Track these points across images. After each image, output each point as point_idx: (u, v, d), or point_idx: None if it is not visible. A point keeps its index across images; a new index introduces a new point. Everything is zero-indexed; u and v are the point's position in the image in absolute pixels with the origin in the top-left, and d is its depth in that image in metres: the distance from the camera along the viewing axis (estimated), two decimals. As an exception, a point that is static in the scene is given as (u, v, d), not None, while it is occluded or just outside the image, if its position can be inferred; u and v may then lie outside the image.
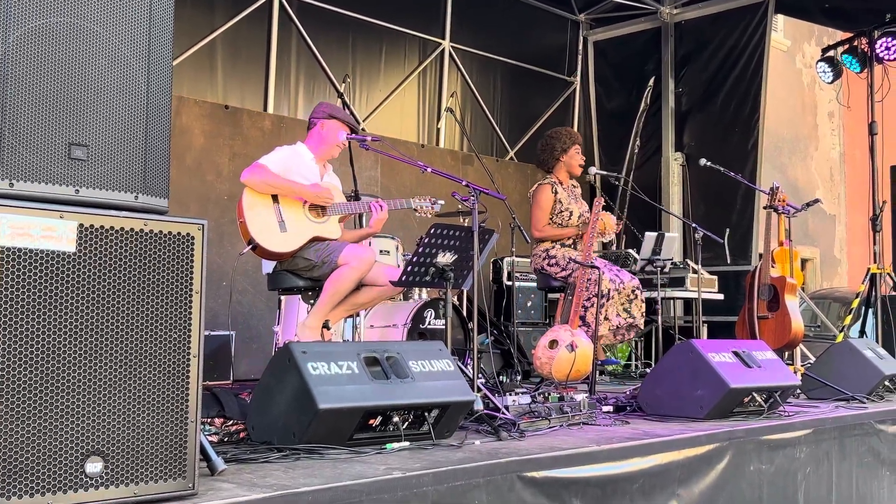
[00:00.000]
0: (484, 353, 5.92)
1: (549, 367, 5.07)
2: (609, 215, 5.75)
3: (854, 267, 15.75)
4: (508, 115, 9.46)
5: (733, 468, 3.53)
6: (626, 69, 9.72)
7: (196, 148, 6.73)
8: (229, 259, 6.33)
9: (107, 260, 2.09)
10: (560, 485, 2.86)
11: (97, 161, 2.17)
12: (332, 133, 4.70)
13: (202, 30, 7.02)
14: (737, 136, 8.74)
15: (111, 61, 2.21)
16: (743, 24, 8.83)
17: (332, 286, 4.40)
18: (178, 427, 2.17)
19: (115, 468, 2.07)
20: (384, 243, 6.01)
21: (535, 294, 7.74)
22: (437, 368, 3.16)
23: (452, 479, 2.55)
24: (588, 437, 3.30)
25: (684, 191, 9.08)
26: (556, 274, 5.70)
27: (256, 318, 6.75)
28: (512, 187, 8.89)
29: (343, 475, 2.42)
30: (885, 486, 4.48)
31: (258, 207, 4.41)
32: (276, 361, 3.01)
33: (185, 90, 6.77)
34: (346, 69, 7.82)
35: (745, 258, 8.48)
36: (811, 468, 3.96)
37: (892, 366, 5.37)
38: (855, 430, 4.30)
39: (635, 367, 7.49)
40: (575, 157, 5.94)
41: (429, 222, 4.40)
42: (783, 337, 5.83)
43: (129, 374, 2.11)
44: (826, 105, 15.82)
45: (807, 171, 15.42)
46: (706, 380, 3.95)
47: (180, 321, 2.20)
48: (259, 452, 2.74)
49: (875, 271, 6.47)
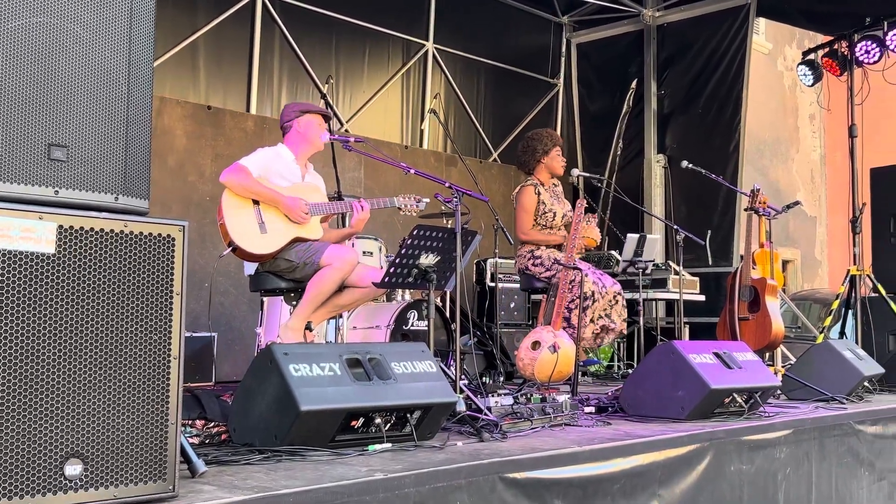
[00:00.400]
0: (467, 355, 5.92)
1: (532, 368, 5.08)
2: (594, 229, 5.73)
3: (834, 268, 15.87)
4: (492, 117, 9.47)
5: (714, 469, 3.55)
6: (608, 71, 9.76)
7: (178, 149, 6.70)
8: (211, 260, 6.31)
9: (86, 261, 2.08)
10: (542, 486, 2.87)
11: (77, 162, 2.16)
12: (311, 128, 4.67)
13: (184, 30, 6.99)
14: (718, 138, 8.80)
15: (91, 62, 2.20)
16: (725, 27, 8.89)
17: (314, 287, 4.39)
18: (158, 429, 2.17)
19: (95, 470, 2.06)
20: (367, 244, 6.01)
21: (518, 295, 7.76)
22: (420, 370, 3.16)
23: (434, 480, 2.55)
24: (570, 438, 3.31)
25: (666, 193, 9.12)
26: (540, 274, 5.71)
27: (238, 320, 6.73)
28: (495, 189, 8.91)
29: (324, 477, 2.42)
30: (864, 486, 4.51)
31: (238, 209, 4.39)
32: (257, 363, 3.00)
33: (167, 91, 6.74)
34: (329, 70, 7.81)
35: (726, 260, 8.53)
36: (791, 468, 3.98)
37: (871, 367, 5.42)
38: (834, 430, 4.33)
39: (617, 368, 7.51)
40: (556, 158, 5.94)
41: (412, 223, 4.40)
42: (764, 338, 5.87)
43: (109, 376, 2.10)
44: (807, 108, 15.94)
45: (788, 173, 15.53)
46: (687, 381, 3.97)
47: (161, 323, 2.19)
48: (240, 454, 2.73)
49: (855, 273, 6.52)
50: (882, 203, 6.57)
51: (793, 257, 15.42)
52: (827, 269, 16.27)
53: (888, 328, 6.25)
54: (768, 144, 14.91)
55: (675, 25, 9.34)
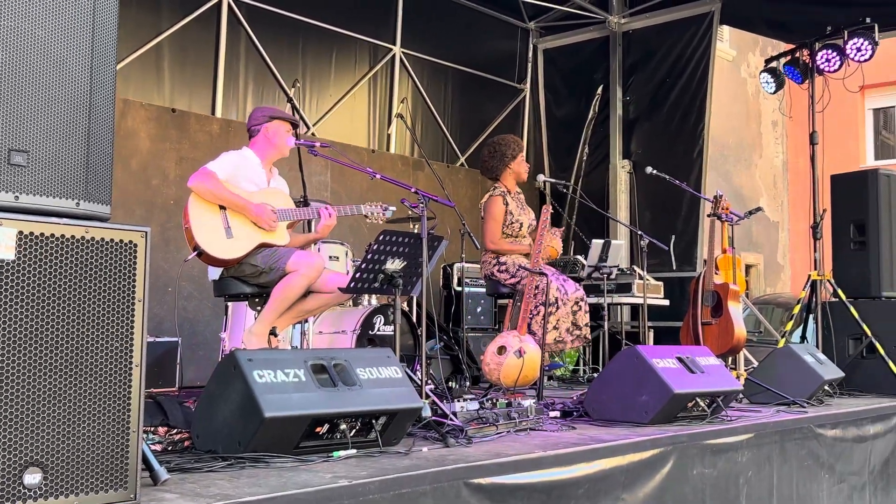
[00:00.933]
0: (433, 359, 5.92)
1: (498, 372, 5.09)
2: (557, 240, 5.76)
3: (797, 273, 16.09)
4: (459, 122, 9.49)
5: (677, 472, 3.58)
6: (575, 77, 9.82)
7: (142, 152, 6.64)
8: (175, 264, 6.25)
9: (47, 268, 2.06)
10: (506, 491, 2.88)
11: (38, 167, 2.14)
12: (278, 134, 4.66)
13: (149, 32, 6.93)
14: (682, 144, 8.89)
15: (53, 65, 2.17)
16: (689, 34, 8.99)
17: (279, 293, 4.36)
18: (119, 437, 2.15)
19: (55, 479, 2.03)
20: (334, 249, 5.99)
21: (485, 300, 7.78)
22: (385, 375, 3.16)
23: (399, 486, 2.55)
24: (534, 443, 3.33)
25: (631, 198, 9.20)
26: (506, 280, 5.73)
27: (203, 325, 6.67)
28: (462, 193, 8.92)
29: (288, 484, 2.41)
30: (825, 489, 4.58)
31: (204, 213, 4.36)
32: (221, 369, 2.98)
33: (130, 93, 6.68)
34: (295, 74, 7.78)
35: (690, 265, 8.62)
36: (753, 472, 4.03)
37: (831, 371, 5.50)
38: (795, 434, 4.38)
39: (583, 373, 7.56)
40: (522, 164, 5.96)
41: (379, 228, 4.40)
42: (726, 342, 5.94)
43: (70, 383, 2.07)
44: (770, 114, 16.14)
45: (751, 178, 15.72)
46: (651, 385, 4.00)
47: (122, 330, 2.17)
48: (203, 461, 2.71)
49: (816, 278, 6.60)
50: (842, 209, 6.67)
51: (755, 262, 15.60)
52: (789, 273, 16.49)
53: (848, 333, 6.34)
54: (732, 150, 15.08)
55: (640, 32, 9.43)
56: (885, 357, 6.10)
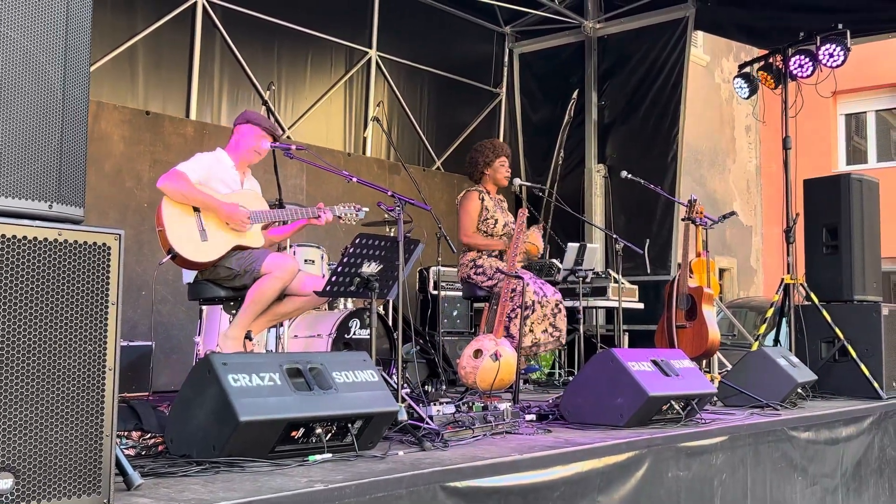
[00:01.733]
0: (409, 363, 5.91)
1: (474, 376, 5.10)
2: (538, 237, 5.80)
3: (770, 277, 16.22)
4: (435, 125, 9.50)
5: (652, 475, 3.60)
6: (550, 82, 9.86)
7: (115, 154, 6.58)
8: (149, 268, 6.20)
9: (19, 270, 2.04)
10: (482, 494, 2.88)
11: (9, 169, 2.11)
12: (245, 138, 4.63)
13: (123, 34, 6.87)
14: (657, 148, 8.94)
15: (25, 66, 2.15)
16: (664, 39, 9.04)
17: (254, 296, 4.34)
18: (92, 441, 2.12)
19: (27, 485, 2.01)
20: (309, 252, 5.97)
21: (461, 303, 7.78)
22: (361, 379, 3.15)
23: (375, 490, 2.54)
24: (510, 446, 3.33)
25: (606, 202, 9.24)
26: (482, 283, 5.74)
27: (177, 328, 6.62)
28: (438, 197, 8.92)
29: (263, 488, 2.40)
30: (798, 491, 4.62)
31: (178, 216, 4.32)
32: (195, 373, 2.96)
33: (104, 95, 6.62)
34: (270, 76, 7.75)
35: (664, 268, 8.66)
36: (727, 474, 4.06)
37: (804, 374, 5.55)
38: (769, 436, 4.42)
39: (558, 376, 7.58)
40: (500, 169, 5.99)
41: (354, 232, 4.38)
42: (700, 345, 5.97)
43: (42, 387, 2.05)
44: (743, 119, 16.29)
45: (724, 183, 15.84)
46: (626, 388, 4.02)
47: (96, 333, 2.15)
48: (177, 466, 2.69)
49: (789, 282, 6.66)
50: (815, 214, 6.74)
51: (729, 266, 15.72)
52: (762, 277, 16.63)
53: (820, 336, 6.40)
54: (705, 155, 15.19)
55: (615, 37, 9.48)
56: (856, 360, 6.17)
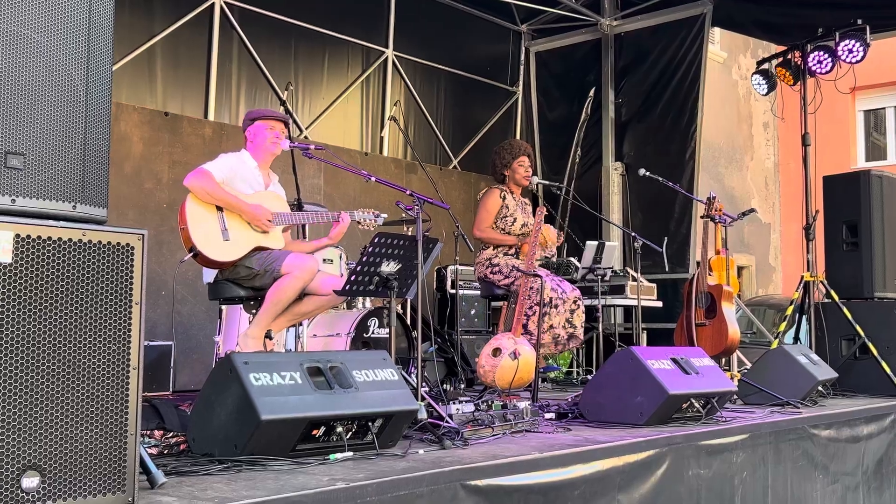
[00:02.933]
0: (428, 362, 5.93)
1: (493, 375, 5.10)
2: (550, 228, 5.83)
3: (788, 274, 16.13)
4: (452, 124, 9.50)
5: (672, 473, 3.59)
6: (567, 80, 9.83)
7: (135, 155, 6.62)
8: (169, 268, 6.24)
9: (44, 271, 2.06)
10: (503, 492, 2.89)
11: (34, 170, 2.13)
12: (259, 134, 4.64)
13: (141, 35, 6.91)
14: (675, 146, 8.90)
15: (49, 68, 2.17)
16: (681, 36, 9.00)
17: (274, 296, 4.36)
18: (117, 440, 2.14)
19: (53, 483, 2.03)
20: (328, 252, 5.98)
21: (479, 302, 7.78)
22: (381, 378, 3.16)
23: (396, 488, 2.55)
24: (530, 445, 3.33)
25: (624, 200, 9.21)
26: (499, 282, 5.74)
27: (197, 328, 6.66)
28: (455, 196, 8.93)
29: (286, 487, 2.41)
30: (818, 489, 4.59)
31: (201, 214, 4.35)
32: (217, 372, 2.97)
33: (123, 97, 6.66)
34: (288, 77, 7.78)
35: (682, 266, 8.63)
36: (748, 472, 4.04)
37: (825, 371, 5.51)
38: (789, 434, 4.40)
39: (577, 374, 7.57)
40: (518, 169, 6.00)
41: (373, 232, 4.39)
42: (720, 343, 5.95)
43: (67, 386, 2.07)
44: (761, 116, 16.20)
45: (742, 180, 15.77)
46: (646, 386, 4.01)
47: (120, 333, 2.16)
48: (200, 465, 2.71)
49: (808, 279, 6.62)
50: (834, 210, 6.69)
51: (747, 263, 15.65)
52: (781, 275, 16.53)
53: (841, 333, 6.36)
54: (723, 152, 15.12)
55: (632, 34, 9.44)
56: (877, 358, 6.13)
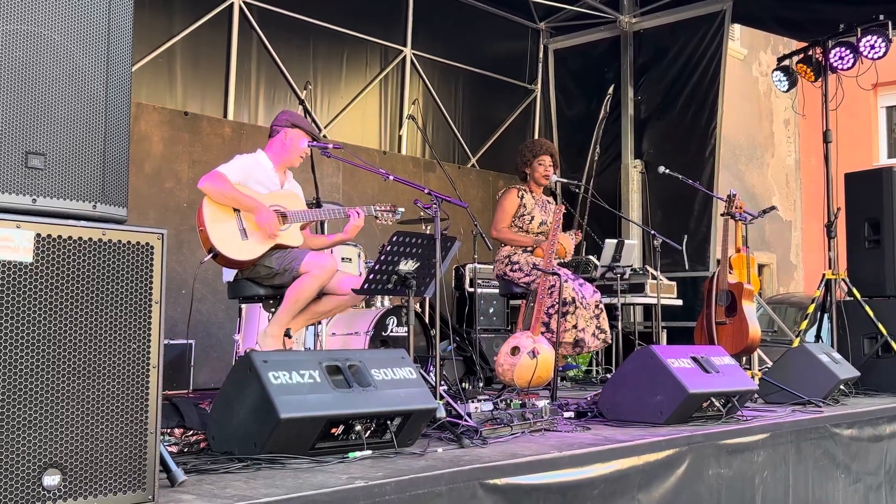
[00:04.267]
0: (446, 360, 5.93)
1: (511, 373, 5.09)
2: (567, 237, 5.79)
3: (810, 272, 16.01)
4: (470, 123, 9.49)
5: (692, 473, 3.57)
6: (585, 77, 9.81)
7: (155, 155, 6.66)
8: (189, 267, 6.27)
9: (65, 270, 2.07)
10: (522, 491, 2.88)
11: (55, 170, 2.15)
12: (294, 142, 4.68)
13: (161, 35, 6.95)
14: (694, 143, 8.86)
15: (69, 69, 2.18)
16: (700, 33, 8.96)
17: (293, 295, 4.37)
18: (137, 438, 2.15)
19: (74, 481, 2.04)
20: (346, 251, 6.00)
21: (497, 301, 7.77)
22: (400, 376, 3.16)
23: (414, 487, 2.55)
24: (549, 444, 3.32)
25: (643, 198, 9.18)
26: (519, 280, 5.73)
27: (216, 327, 6.69)
28: (473, 194, 8.93)
29: (305, 485, 2.41)
30: (840, 489, 4.55)
31: (219, 215, 4.37)
32: (236, 371, 2.98)
33: (143, 96, 6.70)
34: (307, 76, 7.79)
35: (702, 264, 8.59)
36: (769, 472, 4.01)
37: (847, 370, 5.47)
38: (811, 433, 4.36)
39: (596, 373, 7.54)
40: (538, 168, 5.98)
41: (391, 230, 4.40)
42: (741, 342, 5.92)
43: (88, 385, 2.08)
44: (782, 113, 16.08)
45: (763, 177, 15.66)
46: (665, 385, 3.99)
47: (140, 332, 2.17)
48: (219, 463, 2.72)
49: (830, 277, 6.57)
50: (856, 208, 6.63)
51: (768, 261, 15.54)
52: (802, 273, 16.41)
53: (863, 332, 6.30)
54: (744, 149, 15.03)
55: (651, 31, 9.40)
56: (900, 356, 6.07)
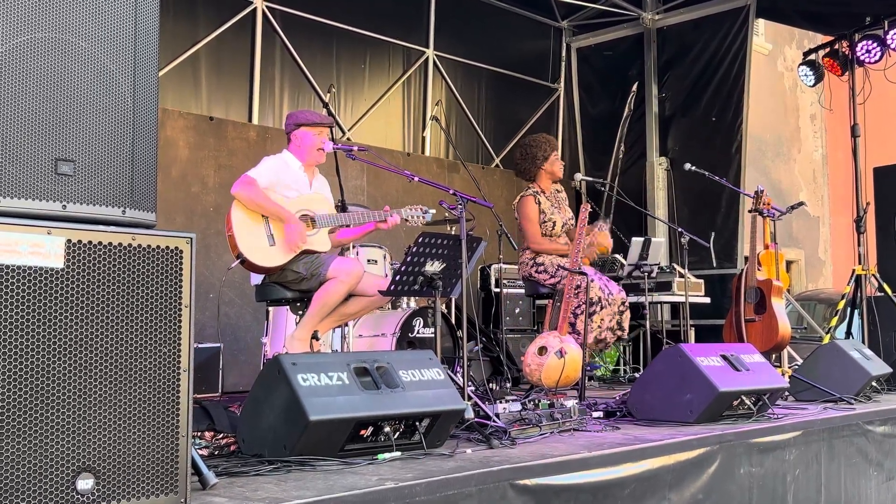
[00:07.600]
0: (473, 361, 5.92)
1: (539, 373, 5.07)
2: (607, 236, 5.70)
3: (838, 268, 15.84)
4: (493, 123, 9.48)
5: (723, 471, 3.54)
6: (609, 75, 9.77)
7: (181, 160, 6.71)
8: (216, 271, 6.31)
9: (95, 275, 2.09)
10: (552, 492, 2.87)
11: (84, 176, 2.17)
12: (306, 141, 4.68)
13: (185, 41, 7.00)
14: (720, 139, 8.80)
15: (96, 76, 2.21)
16: (724, 28, 8.89)
17: (320, 300, 4.39)
18: (169, 442, 2.17)
19: (107, 484, 2.06)
20: (372, 253, 6.00)
21: (523, 301, 7.75)
22: (428, 377, 3.16)
23: (445, 488, 2.55)
24: (579, 444, 3.31)
25: (669, 195, 9.12)
26: (545, 281, 5.70)
27: (244, 330, 6.73)
28: (498, 194, 8.90)
29: (335, 487, 2.42)
30: (873, 486, 4.50)
31: (247, 221, 4.40)
32: (265, 374, 3.00)
33: (168, 102, 6.75)
34: (330, 79, 7.82)
35: (730, 261, 8.52)
36: (800, 470, 3.97)
37: (878, 366, 5.40)
38: (843, 431, 4.32)
39: (624, 372, 7.50)
40: (556, 162, 5.92)
41: (416, 231, 4.40)
42: (770, 339, 5.86)
43: (120, 389, 2.10)
44: (808, 108, 15.93)
45: (790, 173, 15.52)
46: (695, 384, 3.96)
47: (170, 336, 2.19)
48: (250, 465, 2.73)
49: (860, 272, 6.50)
50: (886, 202, 6.56)
51: (796, 258, 15.40)
52: (831, 268, 16.24)
53: (895, 327, 6.23)
54: (770, 145, 14.90)
55: (674, 28, 9.34)
56: (933, 351, 6.00)
